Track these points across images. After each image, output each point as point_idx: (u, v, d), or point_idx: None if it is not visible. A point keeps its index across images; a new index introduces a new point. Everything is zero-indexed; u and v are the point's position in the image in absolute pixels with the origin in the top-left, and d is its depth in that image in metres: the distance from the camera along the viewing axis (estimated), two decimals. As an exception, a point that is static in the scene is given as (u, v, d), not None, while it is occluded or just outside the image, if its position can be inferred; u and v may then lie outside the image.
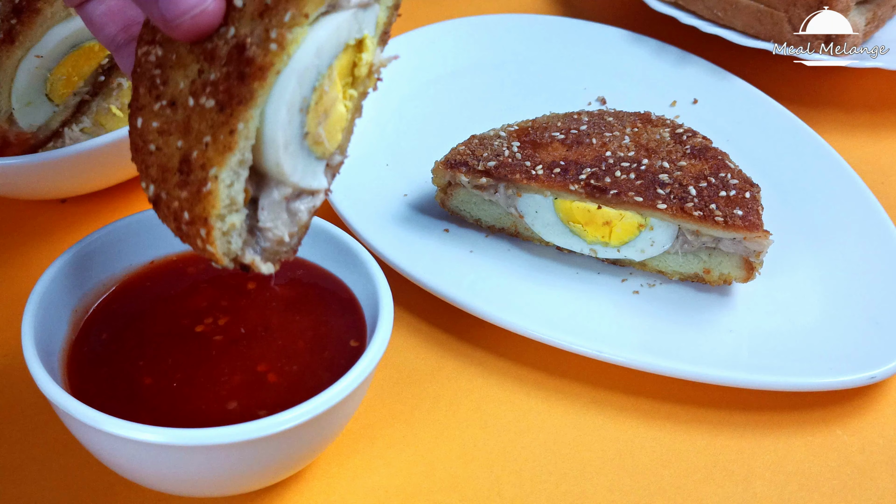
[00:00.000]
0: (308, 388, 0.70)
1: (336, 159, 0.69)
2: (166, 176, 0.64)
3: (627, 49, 1.26)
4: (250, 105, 0.60)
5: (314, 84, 0.63)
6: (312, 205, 0.68)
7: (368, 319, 0.75)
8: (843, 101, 1.25)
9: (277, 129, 0.61)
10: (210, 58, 0.62)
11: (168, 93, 0.64)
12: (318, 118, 0.64)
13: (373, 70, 0.67)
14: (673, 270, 0.95)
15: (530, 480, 0.79)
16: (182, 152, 0.63)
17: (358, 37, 0.65)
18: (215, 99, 0.61)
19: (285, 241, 0.67)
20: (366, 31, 0.65)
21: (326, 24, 0.62)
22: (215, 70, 0.61)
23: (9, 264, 1.00)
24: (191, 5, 0.58)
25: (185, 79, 0.63)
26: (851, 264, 0.95)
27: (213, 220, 0.62)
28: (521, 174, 0.94)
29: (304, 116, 0.63)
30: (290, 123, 0.62)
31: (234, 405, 0.69)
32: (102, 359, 0.73)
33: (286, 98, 0.61)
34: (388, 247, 0.94)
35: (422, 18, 1.33)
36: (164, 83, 0.64)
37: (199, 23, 0.59)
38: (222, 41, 0.61)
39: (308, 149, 0.65)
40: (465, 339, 0.92)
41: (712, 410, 0.85)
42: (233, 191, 0.62)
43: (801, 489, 0.79)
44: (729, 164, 0.95)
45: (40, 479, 0.78)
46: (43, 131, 1.01)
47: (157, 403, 0.69)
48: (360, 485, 0.78)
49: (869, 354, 0.85)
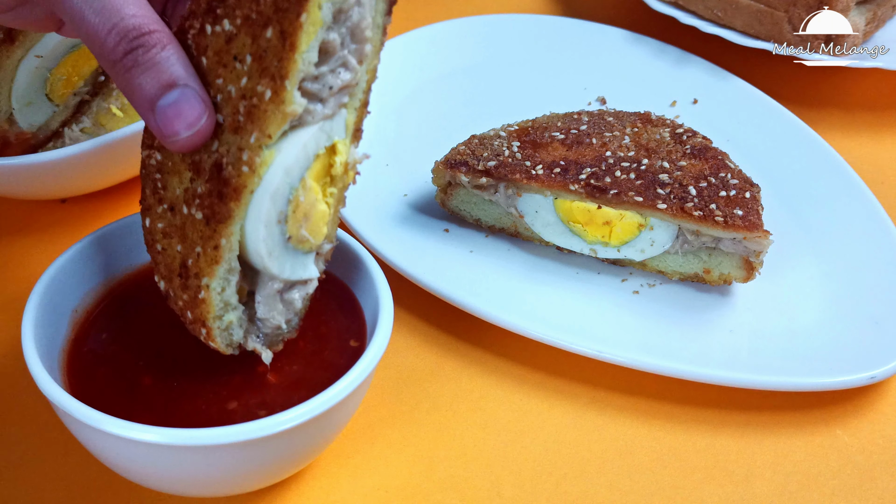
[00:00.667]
0: (308, 388, 0.70)
1: (325, 248, 0.72)
2: (171, 276, 0.69)
3: (627, 49, 1.26)
4: (229, 223, 0.64)
5: (288, 198, 0.65)
6: (306, 292, 0.72)
7: (368, 320, 0.75)
8: (843, 101, 1.25)
9: (259, 242, 0.65)
10: (197, 170, 0.65)
11: (168, 197, 0.68)
12: (299, 223, 0.67)
13: (349, 168, 0.68)
14: (673, 270, 0.95)
15: (530, 480, 0.79)
16: (181, 256, 0.67)
17: (328, 144, 0.66)
18: (202, 212, 0.65)
19: (283, 328, 0.71)
20: (336, 137, 0.67)
21: (294, 140, 0.64)
22: (201, 183, 0.65)
23: (9, 264, 1.00)
24: (185, 125, 0.62)
25: (180, 185, 0.67)
26: (851, 264, 0.95)
27: (211, 321, 0.67)
28: (521, 174, 0.94)
29: (284, 226, 0.66)
30: (270, 235, 0.65)
31: (235, 405, 0.69)
32: (102, 358, 0.73)
33: (262, 216, 0.64)
34: (388, 247, 0.94)
35: (422, 18, 1.33)
36: (164, 188, 0.68)
37: (192, 141, 0.63)
38: (207, 154, 0.65)
39: (293, 249, 0.68)
40: (465, 339, 0.92)
41: (712, 410, 0.85)
42: (225, 295, 0.67)
43: (801, 489, 0.79)
44: (729, 164, 0.95)
45: (40, 479, 0.78)
46: (43, 131, 1.01)
47: (157, 403, 0.69)
48: (360, 485, 0.78)
49: (869, 354, 0.85)
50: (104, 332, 0.75)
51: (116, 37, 0.62)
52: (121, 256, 0.79)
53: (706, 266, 0.93)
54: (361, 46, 0.65)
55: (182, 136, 0.62)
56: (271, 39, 0.60)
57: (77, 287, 0.76)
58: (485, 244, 0.99)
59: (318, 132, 0.65)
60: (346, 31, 0.63)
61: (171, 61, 0.62)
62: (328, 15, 0.61)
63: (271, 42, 0.60)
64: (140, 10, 0.62)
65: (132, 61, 0.62)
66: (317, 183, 0.66)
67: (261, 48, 0.61)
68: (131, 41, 0.62)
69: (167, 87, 0.62)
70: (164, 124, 0.62)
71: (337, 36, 0.62)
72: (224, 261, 0.65)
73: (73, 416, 0.63)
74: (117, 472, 0.70)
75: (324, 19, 0.60)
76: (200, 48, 0.64)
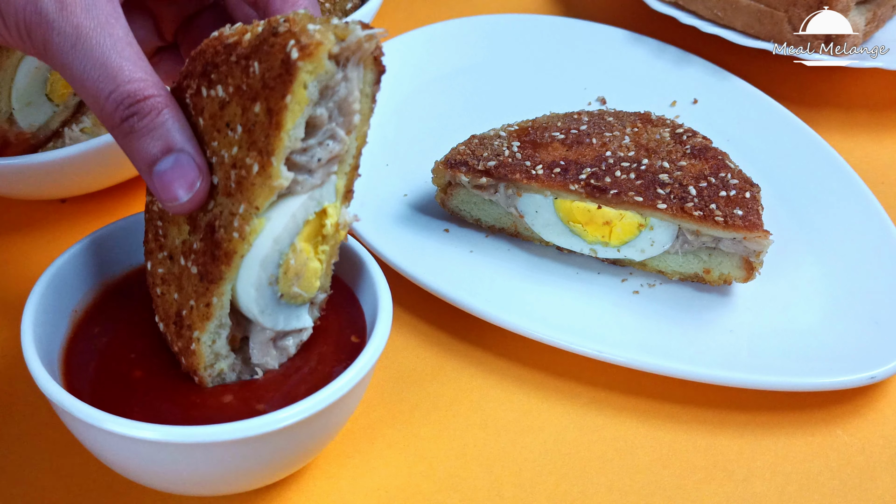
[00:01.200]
0: (306, 382, 0.70)
1: (320, 297, 0.72)
2: (168, 321, 0.70)
3: (627, 49, 1.26)
4: (221, 284, 0.65)
5: (278, 262, 0.66)
6: (300, 339, 0.73)
7: (368, 319, 0.75)
8: (843, 101, 1.25)
9: (251, 302, 0.66)
10: (194, 226, 0.67)
11: (168, 245, 0.69)
12: (291, 281, 0.67)
13: (340, 228, 0.69)
14: (673, 270, 0.95)
15: (530, 480, 0.79)
16: (177, 305, 0.69)
17: (318, 210, 0.67)
18: (197, 267, 0.66)
19: (278, 369, 0.72)
20: (326, 202, 0.67)
21: (283, 209, 0.64)
22: (197, 239, 0.66)
23: (9, 264, 1.00)
24: (180, 191, 0.64)
25: (179, 236, 0.68)
26: (851, 264, 0.95)
27: (202, 371, 0.69)
28: (521, 174, 0.94)
29: (276, 286, 0.67)
30: (262, 296, 0.67)
31: (230, 398, 0.69)
32: (93, 352, 0.73)
33: (252, 280, 0.65)
34: (388, 247, 0.94)
35: (422, 18, 1.33)
36: (164, 235, 0.70)
37: (186, 207, 0.65)
38: (203, 212, 0.66)
39: (286, 304, 0.69)
40: (465, 339, 0.92)
41: (712, 410, 0.85)
42: (216, 347, 0.68)
43: (801, 489, 0.79)
44: (729, 164, 0.95)
45: (40, 479, 0.78)
46: (43, 131, 1.01)
47: (151, 396, 0.69)
48: (360, 485, 0.78)
49: (869, 354, 0.85)
50: (96, 326, 0.75)
51: (113, 103, 0.63)
52: (121, 256, 0.79)
53: (706, 266, 0.93)
54: (349, 118, 0.64)
55: (178, 201, 0.64)
56: (259, 115, 0.61)
57: (77, 287, 0.76)
58: (485, 244, 0.99)
59: (308, 200, 0.65)
60: (333, 105, 0.63)
61: (166, 126, 0.64)
62: (314, 93, 0.60)
63: (259, 117, 0.61)
64: (137, 73, 0.63)
65: (129, 127, 0.64)
66: (308, 243, 0.67)
67: (250, 121, 0.61)
68: (127, 108, 0.63)
69: (164, 152, 0.64)
70: (161, 189, 0.64)
71: (324, 111, 0.62)
72: (215, 318, 0.66)
73: (73, 416, 0.63)
74: (117, 471, 0.70)
75: (310, 98, 0.60)
76: (197, 109, 0.65)
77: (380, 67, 0.64)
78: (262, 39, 0.60)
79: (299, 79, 0.59)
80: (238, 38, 0.62)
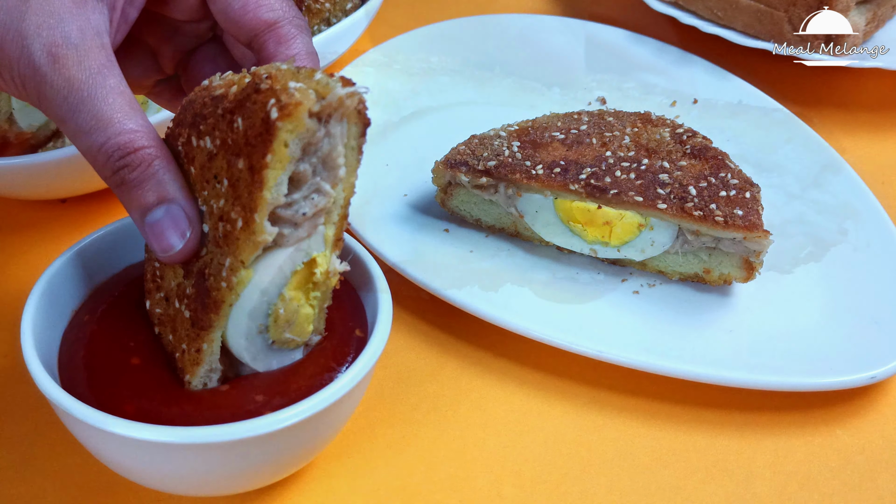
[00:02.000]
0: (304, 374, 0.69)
1: (313, 339, 0.72)
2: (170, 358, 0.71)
3: (627, 49, 1.26)
4: (210, 331, 0.65)
5: (267, 312, 0.66)
6: None
7: (368, 318, 0.75)
8: (843, 101, 1.25)
9: (242, 350, 0.67)
10: (187, 271, 0.67)
11: (164, 286, 0.70)
12: (282, 328, 0.67)
13: (330, 276, 0.69)
14: (673, 270, 0.95)
15: (530, 480, 0.79)
16: (171, 347, 0.69)
17: (306, 260, 0.66)
18: (189, 311, 0.66)
19: None
20: (314, 251, 0.67)
21: (269, 262, 0.64)
22: (190, 284, 0.67)
23: (9, 264, 1.00)
24: (170, 242, 0.65)
25: (174, 279, 0.69)
26: (851, 264, 0.95)
27: None
28: (521, 174, 0.94)
29: (266, 334, 0.67)
30: (252, 344, 0.67)
31: (227, 388, 0.69)
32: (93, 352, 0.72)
33: (242, 330, 0.66)
34: (388, 247, 0.94)
35: (422, 18, 1.34)
36: (161, 277, 0.70)
37: (177, 258, 0.66)
38: (195, 257, 0.66)
39: (278, 348, 0.69)
40: (465, 339, 0.92)
41: (712, 410, 0.85)
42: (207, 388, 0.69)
43: (801, 489, 0.79)
44: (729, 164, 0.95)
45: (40, 479, 0.78)
46: (43, 131, 1.01)
47: (146, 385, 0.68)
48: (360, 485, 0.78)
49: (869, 354, 0.85)
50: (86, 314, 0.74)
51: (105, 155, 0.64)
52: (121, 256, 0.79)
53: (706, 266, 0.93)
54: (335, 172, 0.64)
55: (168, 252, 0.65)
56: (242, 171, 0.61)
57: (77, 287, 0.76)
58: (485, 244, 0.99)
59: (295, 252, 0.65)
60: (317, 160, 0.62)
61: (157, 177, 0.64)
62: (296, 150, 0.60)
63: (242, 173, 0.61)
64: (128, 124, 0.64)
65: (120, 179, 0.65)
66: (298, 291, 0.67)
67: (234, 175, 0.61)
68: (118, 160, 0.64)
69: (155, 203, 0.65)
70: (152, 239, 0.65)
71: (308, 166, 0.62)
72: (205, 363, 0.67)
73: (72, 416, 0.63)
74: (117, 471, 0.70)
75: (291, 155, 0.60)
76: (189, 157, 0.65)
77: (364, 120, 0.63)
78: (246, 95, 0.60)
79: (279, 138, 0.58)
80: (225, 90, 0.62)
